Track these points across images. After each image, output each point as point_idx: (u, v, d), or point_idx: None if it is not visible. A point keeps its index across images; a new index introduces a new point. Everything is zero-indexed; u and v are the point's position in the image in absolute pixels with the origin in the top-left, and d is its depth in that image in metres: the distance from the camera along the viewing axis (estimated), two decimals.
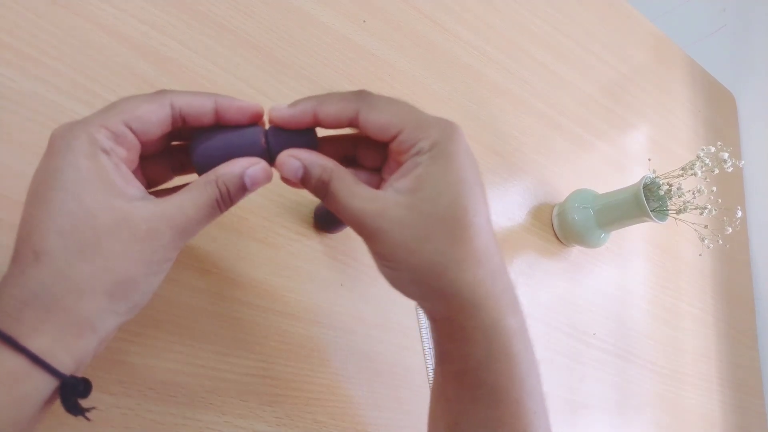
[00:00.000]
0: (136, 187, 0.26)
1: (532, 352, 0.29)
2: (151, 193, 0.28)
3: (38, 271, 0.23)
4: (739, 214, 0.64)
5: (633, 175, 0.76)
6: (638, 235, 0.74)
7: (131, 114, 0.26)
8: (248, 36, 0.46)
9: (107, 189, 0.24)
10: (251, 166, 0.28)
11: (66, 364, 0.23)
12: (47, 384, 0.23)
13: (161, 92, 0.27)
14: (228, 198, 0.27)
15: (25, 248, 0.23)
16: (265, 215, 0.42)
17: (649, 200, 0.57)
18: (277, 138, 0.29)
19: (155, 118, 0.26)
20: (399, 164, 0.28)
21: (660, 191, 0.57)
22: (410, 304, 0.48)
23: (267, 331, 0.40)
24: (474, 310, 0.27)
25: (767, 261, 0.95)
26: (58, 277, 0.23)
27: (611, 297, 0.67)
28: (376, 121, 0.27)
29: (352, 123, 0.28)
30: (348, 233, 0.46)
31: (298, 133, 0.29)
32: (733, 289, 0.88)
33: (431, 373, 0.47)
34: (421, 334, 0.48)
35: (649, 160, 0.79)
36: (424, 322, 0.48)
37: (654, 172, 0.59)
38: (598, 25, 0.82)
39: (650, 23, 0.92)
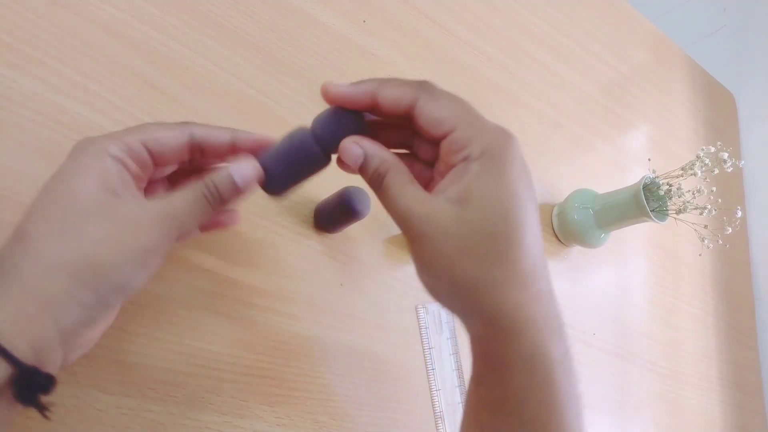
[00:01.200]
0: (131, 194, 0.26)
1: (576, 384, 0.27)
2: None
3: (16, 250, 0.23)
4: (739, 214, 0.64)
5: (633, 175, 0.76)
6: (638, 235, 0.74)
7: (149, 135, 0.27)
8: (248, 36, 0.46)
9: (101, 184, 0.25)
10: (239, 164, 0.28)
11: (22, 350, 0.22)
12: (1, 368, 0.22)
13: (184, 123, 0.28)
14: (217, 194, 0.27)
15: (14, 232, 0.24)
16: (265, 215, 0.42)
17: (649, 200, 0.57)
18: (325, 128, 0.28)
19: (172, 143, 0.27)
20: (448, 166, 0.27)
21: (660, 191, 0.57)
22: (410, 305, 0.48)
23: (267, 331, 0.40)
24: (514, 334, 0.26)
25: (767, 261, 0.95)
26: (31, 256, 0.23)
27: (611, 297, 0.67)
28: (431, 112, 0.27)
29: (408, 111, 0.27)
30: (348, 233, 0.46)
31: (345, 121, 0.28)
32: (733, 289, 0.88)
33: (431, 373, 0.47)
34: (421, 334, 0.48)
35: (649, 160, 0.79)
36: (424, 322, 0.48)
37: (654, 172, 0.59)
38: (598, 25, 0.82)
39: (650, 23, 0.92)
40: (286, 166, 0.29)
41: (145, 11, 0.42)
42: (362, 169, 0.28)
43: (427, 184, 0.30)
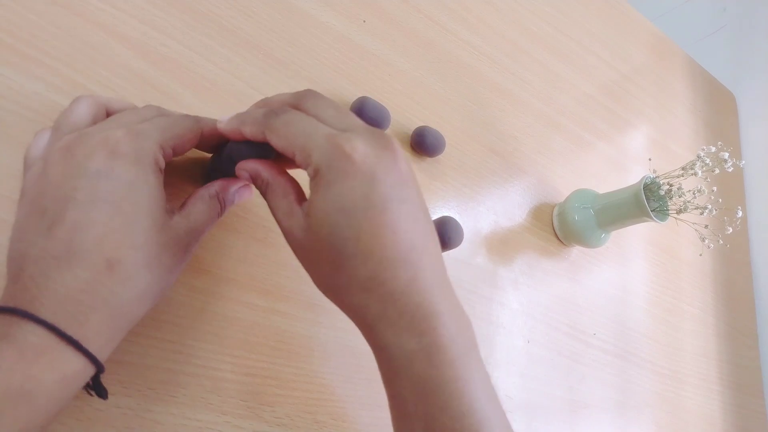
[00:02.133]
0: (171, 210, 0.30)
1: (438, 373, 0.27)
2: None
3: (111, 279, 0.25)
4: (740, 214, 0.64)
5: (633, 175, 0.76)
6: (638, 235, 0.74)
7: (180, 140, 0.30)
8: (248, 36, 0.46)
9: (164, 207, 0.28)
10: (240, 186, 0.35)
11: (104, 357, 0.27)
12: (89, 374, 0.26)
13: (197, 120, 0.32)
14: (225, 209, 0.34)
15: (97, 256, 0.25)
16: (265, 215, 0.42)
17: (649, 200, 0.57)
18: (239, 148, 0.33)
19: (191, 144, 0.32)
20: None
21: (660, 191, 0.57)
22: None
23: (267, 331, 0.40)
24: (368, 330, 0.29)
25: (767, 261, 0.94)
26: (127, 287, 0.26)
27: (611, 297, 0.67)
28: (276, 145, 0.29)
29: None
30: None
31: (249, 151, 0.33)
32: (733, 289, 0.88)
33: None
34: None
35: (650, 160, 0.79)
36: None
37: (654, 172, 0.59)
38: (598, 25, 0.82)
39: (650, 23, 0.92)
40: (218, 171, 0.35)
41: (145, 11, 0.42)
42: (254, 184, 0.32)
43: None
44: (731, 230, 0.64)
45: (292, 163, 0.30)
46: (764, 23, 1.12)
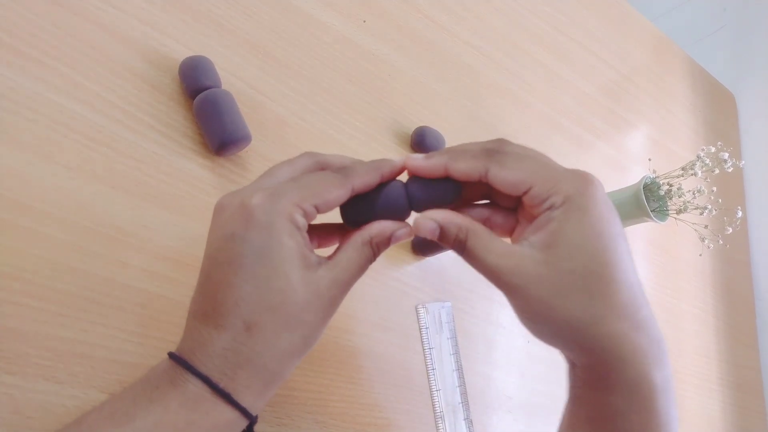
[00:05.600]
0: (314, 254, 0.29)
1: (674, 409, 0.29)
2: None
3: (251, 340, 0.26)
4: (740, 214, 0.64)
5: (633, 175, 0.76)
6: (638, 235, 0.74)
7: (322, 198, 0.28)
8: (248, 36, 0.46)
9: (304, 264, 0.27)
10: (399, 229, 0.30)
11: (259, 409, 0.27)
12: (242, 426, 0.27)
13: (346, 176, 0.29)
14: (377, 249, 0.30)
15: (235, 318, 0.26)
16: None
17: (649, 200, 0.57)
18: (417, 189, 0.31)
19: (337, 202, 0.29)
20: (531, 216, 0.29)
21: (660, 191, 0.57)
22: (410, 305, 0.48)
23: None
24: (617, 362, 0.27)
25: (767, 261, 0.95)
26: (267, 347, 0.26)
27: None
28: (504, 179, 0.28)
29: (482, 179, 0.29)
30: None
31: (437, 181, 0.30)
32: (733, 289, 0.88)
33: (431, 373, 0.47)
34: (421, 334, 0.48)
35: (649, 160, 0.79)
36: (424, 322, 0.48)
37: (654, 172, 0.59)
38: (598, 25, 0.82)
39: (650, 23, 0.92)
40: (373, 210, 0.31)
41: (145, 11, 0.42)
42: (442, 239, 0.30)
43: (511, 230, 0.32)
44: (731, 230, 0.64)
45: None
46: (764, 23, 1.12)
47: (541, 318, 0.28)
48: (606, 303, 0.26)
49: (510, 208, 0.32)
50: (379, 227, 0.30)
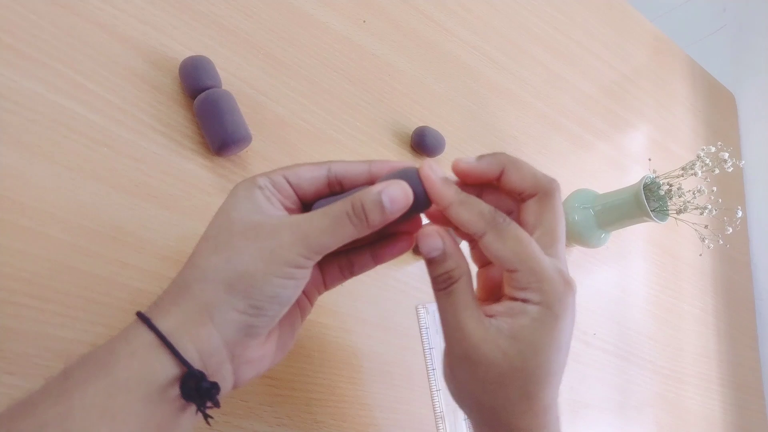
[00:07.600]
0: (275, 209, 0.28)
1: None
2: None
3: (186, 270, 0.27)
4: (740, 214, 0.64)
5: (633, 175, 0.76)
6: (638, 235, 0.74)
7: (291, 171, 0.29)
8: (248, 36, 0.46)
9: (250, 206, 0.28)
10: (389, 185, 0.27)
11: (188, 351, 0.25)
12: (171, 367, 0.25)
13: (326, 162, 0.30)
14: (362, 213, 0.27)
15: (187, 266, 0.27)
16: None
17: (649, 200, 0.57)
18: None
19: (309, 175, 0.29)
20: (508, 295, 0.28)
21: (660, 191, 0.57)
22: (410, 305, 0.48)
23: None
24: None
25: (767, 261, 0.95)
26: (192, 269, 0.27)
27: (611, 297, 0.67)
28: (495, 251, 0.28)
29: (474, 238, 0.29)
30: None
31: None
32: (733, 289, 0.88)
33: (431, 373, 0.47)
34: (421, 334, 0.48)
35: (650, 160, 0.79)
36: (424, 322, 0.48)
37: (654, 172, 0.59)
38: (598, 25, 0.82)
39: (650, 23, 0.92)
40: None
41: (145, 11, 0.42)
42: (434, 263, 0.29)
43: (496, 288, 0.32)
44: (731, 230, 0.64)
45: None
46: (764, 23, 1.12)
47: (471, 394, 0.29)
48: (531, 402, 0.28)
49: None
50: (369, 188, 0.27)
